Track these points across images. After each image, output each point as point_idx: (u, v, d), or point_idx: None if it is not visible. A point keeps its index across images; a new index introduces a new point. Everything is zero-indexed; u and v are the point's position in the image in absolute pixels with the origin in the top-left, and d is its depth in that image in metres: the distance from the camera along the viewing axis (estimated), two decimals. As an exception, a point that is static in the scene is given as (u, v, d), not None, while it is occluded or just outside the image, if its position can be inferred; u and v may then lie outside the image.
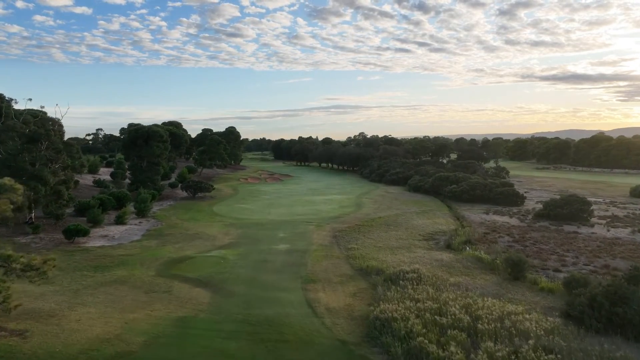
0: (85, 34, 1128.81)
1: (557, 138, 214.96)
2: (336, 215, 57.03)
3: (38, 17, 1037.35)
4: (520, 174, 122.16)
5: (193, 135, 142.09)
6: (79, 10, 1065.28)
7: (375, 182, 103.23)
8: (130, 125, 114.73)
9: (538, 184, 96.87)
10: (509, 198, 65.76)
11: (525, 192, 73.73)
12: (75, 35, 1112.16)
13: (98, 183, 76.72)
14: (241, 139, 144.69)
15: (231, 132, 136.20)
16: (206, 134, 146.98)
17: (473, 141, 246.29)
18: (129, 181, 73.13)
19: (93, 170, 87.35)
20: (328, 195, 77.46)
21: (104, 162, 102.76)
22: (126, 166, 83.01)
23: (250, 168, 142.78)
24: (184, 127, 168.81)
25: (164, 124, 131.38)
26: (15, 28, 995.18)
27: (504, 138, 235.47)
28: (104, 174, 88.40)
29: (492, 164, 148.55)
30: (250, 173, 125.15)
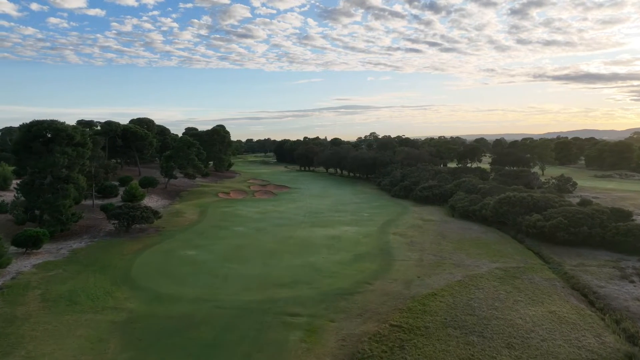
0: (98, 35, 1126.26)
1: (592, 138, 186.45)
2: (348, 285, 30.31)
3: (52, 20, 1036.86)
4: (584, 185, 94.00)
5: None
6: (92, 12, 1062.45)
7: (399, 197, 76.27)
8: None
9: (628, 202, 68.98)
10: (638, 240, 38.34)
11: None
12: (89, 37, 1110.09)
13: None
14: (230, 139, 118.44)
15: (216, 132, 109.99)
16: (189, 134, 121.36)
17: (498, 142, 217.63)
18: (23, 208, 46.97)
19: (2, 186, 61.88)
20: (335, 227, 50.71)
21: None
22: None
23: (240, 175, 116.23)
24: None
25: (131, 121, 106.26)
26: (29, 30, 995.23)
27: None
28: (21, 190, 62.73)
29: (537, 170, 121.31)
30: (237, 183, 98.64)
